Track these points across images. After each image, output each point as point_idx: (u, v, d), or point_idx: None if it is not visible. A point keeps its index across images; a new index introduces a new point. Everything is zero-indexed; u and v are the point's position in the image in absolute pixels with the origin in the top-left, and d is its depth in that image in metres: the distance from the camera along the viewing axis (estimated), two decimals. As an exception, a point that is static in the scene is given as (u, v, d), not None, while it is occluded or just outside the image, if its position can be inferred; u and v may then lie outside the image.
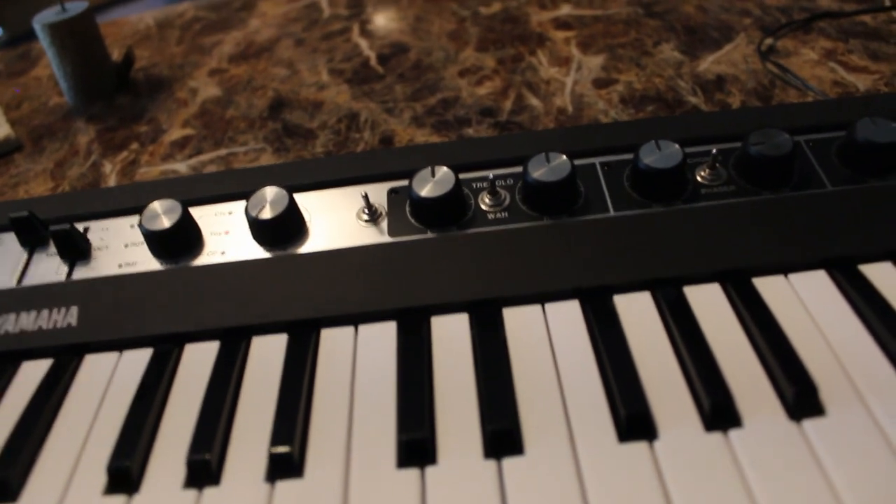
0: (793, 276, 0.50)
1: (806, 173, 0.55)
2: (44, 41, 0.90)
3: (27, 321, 0.52)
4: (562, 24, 0.97)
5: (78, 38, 0.90)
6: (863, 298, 0.47)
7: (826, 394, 0.42)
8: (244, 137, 0.83)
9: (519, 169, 0.57)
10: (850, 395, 0.42)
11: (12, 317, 0.53)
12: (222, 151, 0.81)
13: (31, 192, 0.79)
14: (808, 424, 0.40)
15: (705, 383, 0.42)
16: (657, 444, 0.41)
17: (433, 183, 0.54)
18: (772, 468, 0.39)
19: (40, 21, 0.88)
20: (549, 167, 0.53)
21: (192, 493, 0.41)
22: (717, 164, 0.55)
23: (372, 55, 0.96)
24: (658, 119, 0.66)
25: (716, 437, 0.40)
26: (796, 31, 0.87)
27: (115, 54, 0.98)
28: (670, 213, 0.53)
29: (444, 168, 0.54)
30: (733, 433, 0.40)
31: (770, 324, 0.46)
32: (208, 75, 0.97)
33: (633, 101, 0.79)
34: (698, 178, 0.55)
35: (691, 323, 0.47)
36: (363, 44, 0.99)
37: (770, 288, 0.49)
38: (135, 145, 0.84)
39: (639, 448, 0.40)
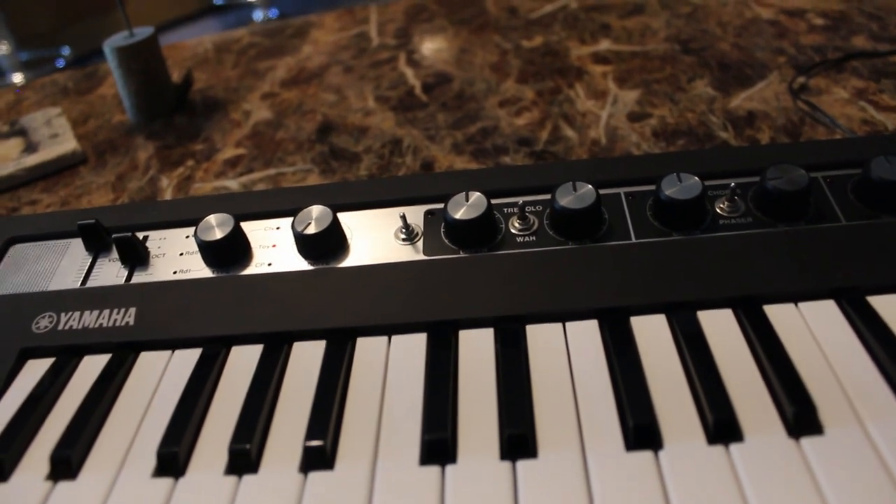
0: (802, 305, 0.52)
1: (821, 208, 0.58)
2: (111, 63, 0.96)
3: (89, 319, 0.57)
4: (601, 58, 1.01)
5: (143, 61, 0.96)
6: (868, 328, 0.49)
7: (826, 415, 0.44)
8: (293, 158, 0.88)
9: (548, 196, 0.60)
10: (849, 417, 0.44)
11: (77, 315, 0.58)
12: (271, 171, 0.86)
13: (94, 203, 0.85)
14: (806, 442, 0.43)
15: (710, 400, 0.45)
16: (662, 453, 0.44)
17: (467, 207, 0.58)
18: (768, 481, 0.41)
19: (109, 45, 0.95)
20: (575, 195, 0.57)
21: (232, 479, 0.46)
22: (736, 197, 0.58)
23: (417, 84, 1.01)
24: (682, 153, 0.69)
25: (717, 449, 0.43)
26: (829, 70, 0.89)
27: (175, 76, 1.04)
28: (689, 242, 0.56)
29: (478, 193, 0.58)
30: (734, 447, 0.43)
31: (776, 347, 0.48)
32: (261, 99, 1.03)
33: (664, 134, 0.82)
34: (717, 210, 0.58)
35: (702, 344, 0.50)
36: (409, 73, 1.04)
37: (780, 315, 0.51)
38: (190, 162, 0.90)
39: (644, 457, 0.43)
